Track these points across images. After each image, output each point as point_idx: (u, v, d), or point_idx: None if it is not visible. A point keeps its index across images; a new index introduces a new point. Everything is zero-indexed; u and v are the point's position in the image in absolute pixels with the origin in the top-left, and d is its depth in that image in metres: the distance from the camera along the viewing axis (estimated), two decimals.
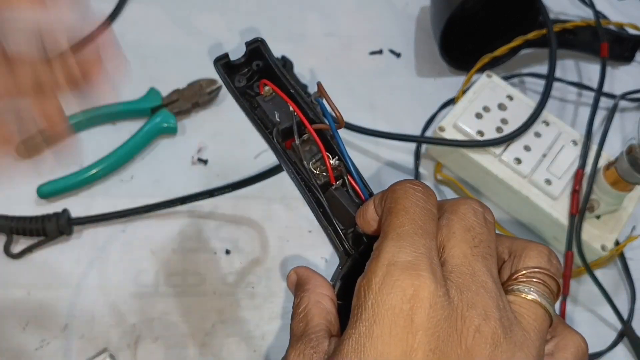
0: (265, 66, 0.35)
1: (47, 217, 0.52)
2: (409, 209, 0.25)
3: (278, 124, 0.33)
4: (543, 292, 0.25)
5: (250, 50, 0.35)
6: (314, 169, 0.32)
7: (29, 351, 0.48)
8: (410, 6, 0.72)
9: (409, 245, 0.23)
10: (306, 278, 0.29)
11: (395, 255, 0.23)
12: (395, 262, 0.23)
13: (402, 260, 0.23)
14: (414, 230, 0.24)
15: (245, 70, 0.35)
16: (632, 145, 0.49)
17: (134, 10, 0.68)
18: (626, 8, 0.73)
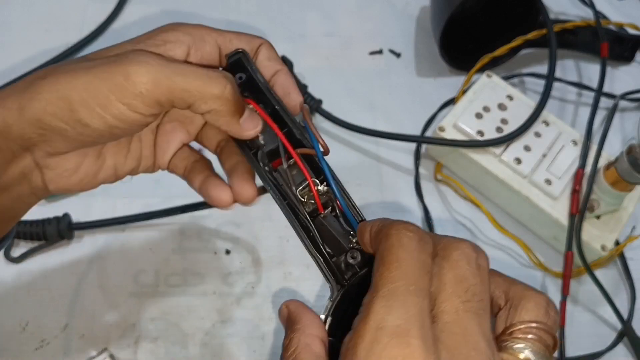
0: (248, 79, 0.34)
1: (48, 221, 0.52)
2: (402, 262, 0.24)
3: (263, 146, 0.32)
4: (538, 350, 0.24)
5: (231, 63, 0.34)
6: (302, 196, 0.31)
7: (29, 351, 0.48)
8: (410, 6, 0.72)
9: (400, 306, 0.22)
10: (297, 316, 0.28)
11: (384, 319, 0.22)
12: (383, 326, 0.22)
13: (391, 325, 0.22)
14: (406, 288, 0.23)
15: None
16: (632, 145, 0.49)
17: (134, 10, 0.68)
18: (626, 8, 0.73)
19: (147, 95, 0.28)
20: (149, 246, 0.53)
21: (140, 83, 0.28)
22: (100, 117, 0.28)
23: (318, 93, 0.61)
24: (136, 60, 0.28)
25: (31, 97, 0.28)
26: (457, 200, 0.59)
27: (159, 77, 0.28)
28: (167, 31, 0.32)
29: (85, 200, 0.55)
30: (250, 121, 0.32)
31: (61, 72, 0.29)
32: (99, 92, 0.28)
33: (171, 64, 0.29)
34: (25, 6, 0.67)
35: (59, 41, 0.64)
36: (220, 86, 0.29)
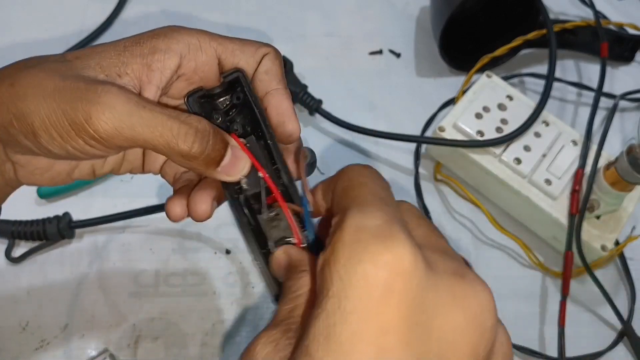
0: (244, 101, 0.31)
1: (48, 221, 0.52)
2: (367, 183, 0.23)
3: (245, 190, 0.29)
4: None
5: (228, 82, 0.31)
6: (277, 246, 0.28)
7: (29, 351, 0.48)
8: (410, 6, 0.72)
9: (376, 211, 0.21)
10: (302, 259, 0.25)
11: (362, 221, 0.20)
12: (363, 226, 0.20)
13: (371, 225, 0.20)
14: (379, 200, 0.22)
15: (226, 99, 0.31)
16: (632, 145, 0.49)
17: (134, 10, 0.68)
18: (626, 8, 0.73)
19: (107, 140, 0.26)
20: (149, 246, 0.53)
21: (100, 129, 0.26)
22: (60, 145, 0.27)
23: (318, 93, 0.61)
24: (101, 101, 0.26)
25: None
26: (457, 200, 0.59)
27: (121, 126, 0.26)
28: (158, 37, 0.29)
29: (85, 200, 0.55)
30: (231, 167, 0.28)
31: (30, 85, 0.27)
32: (59, 123, 0.26)
33: (139, 111, 0.26)
34: (25, 6, 0.67)
35: (59, 41, 0.64)
36: (186, 144, 0.27)
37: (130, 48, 0.29)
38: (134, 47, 0.29)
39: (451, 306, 0.20)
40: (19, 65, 0.28)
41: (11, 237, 0.52)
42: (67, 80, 0.27)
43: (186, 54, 0.29)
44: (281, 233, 0.28)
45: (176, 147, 0.27)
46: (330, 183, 0.26)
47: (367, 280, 0.19)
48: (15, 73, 0.28)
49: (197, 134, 0.27)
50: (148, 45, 0.29)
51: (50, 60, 0.28)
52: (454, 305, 0.20)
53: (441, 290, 0.20)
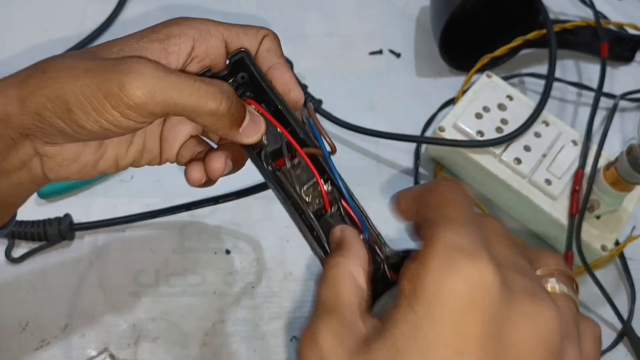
0: (250, 78, 0.34)
1: (49, 222, 0.52)
2: (457, 202, 0.25)
3: (266, 146, 0.32)
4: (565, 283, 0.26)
5: (233, 62, 0.34)
6: (306, 195, 0.31)
7: (29, 351, 0.48)
8: (410, 6, 0.72)
9: (466, 233, 0.23)
10: (349, 243, 0.28)
11: (454, 240, 0.23)
12: (455, 246, 0.22)
13: (462, 245, 0.22)
14: (466, 220, 0.24)
15: (230, 82, 0.34)
16: (632, 145, 0.49)
17: (134, 10, 0.68)
18: (626, 8, 0.73)
19: (141, 106, 0.28)
20: (149, 246, 0.53)
21: (134, 95, 0.28)
22: (95, 120, 0.29)
23: (318, 93, 0.61)
24: (132, 70, 0.28)
25: (32, 91, 0.29)
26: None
27: (153, 91, 0.28)
28: (171, 25, 0.32)
29: (85, 200, 0.55)
30: (251, 128, 0.31)
31: (61, 68, 0.29)
32: (94, 97, 0.28)
33: (168, 76, 0.29)
34: (25, 6, 0.67)
35: (59, 41, 0.64)
36: (215, 102, 0.29)
37: (148, 35, 0.31)
38: (151, 34, 0.31)
39: (521, 322, 0.22)
40: (45, 59, 0.30)
41: (11, 237, 0.52)
42: (96, 61, 0.29)
43: (198, 38, 0.32)
44: (305, 177, 0.31)
45: (205, 105, 0.29)
46: (418, 193, 0.27)
47: (455, 293, 0.21)
48: (44, 62, 0.30)
49: (224, 92, 0.30)
50: (163, 32, 0.32)
51: (74, 53, 0.31)
52: (523, 321, 0.22)
53: (514, 307, 0.22)
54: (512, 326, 0.22)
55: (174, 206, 0.54)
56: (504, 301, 0.22)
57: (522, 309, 0.22)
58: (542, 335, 0.22)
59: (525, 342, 0.22)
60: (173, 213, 0.54)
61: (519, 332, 0.22)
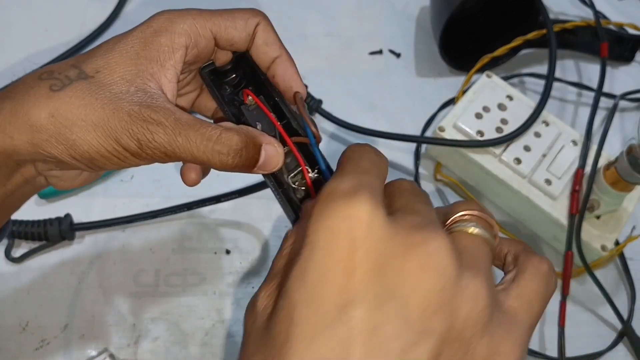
0: (252, 73, 0.35)
1: (50, 222, 0.52)
2: (354, 158, 0.26)
3: None
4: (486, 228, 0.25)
5: (236, 57, 0.35)
6: (293, 182, 0.32)
7: (29, 351, 0.48)
8: (410, 6, 0.72)
9: (350, 179, 0.23)
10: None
11: (335, 186, 0.23)
12: (334, 189, 0.23)
13: (341, 188, 0.23)
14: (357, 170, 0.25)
15: (232, 76, 0.35)
16: (632, 145, 0.49)
17: (134, 10, 0.68)
18: (626, 8, 0.73)
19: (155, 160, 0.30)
20: (149, 246, 0.53)
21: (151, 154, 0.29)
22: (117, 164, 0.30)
23: (318, 93, 0.61)
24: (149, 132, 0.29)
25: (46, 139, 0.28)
26: (457, 200, 0.59)
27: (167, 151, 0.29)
28: (161, 34, 0.31)
29: (85, 200, 0.55)
30: (267, 165, 0.31)
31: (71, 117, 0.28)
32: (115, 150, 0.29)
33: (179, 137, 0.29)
34: (25, 6, 0.67)
35: (59, 41, 0.64)
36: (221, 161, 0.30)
37: (142, 53, 0.30)
38: (145, 51, 0.30)
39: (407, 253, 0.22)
40: (42, 89, 0.29)
41: (11, 237, 0.52)
42: (107, 109, 0.29)
43: (189, 44, 0.32)
44: (293, 164, 0.32)
45: (210, 163, 0.30)
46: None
47: (333, 231, 0.22)
48: (45, 101, 0.28)
49: (230, 152, 0.30)
50: (156, 46, 0.31)
51: (73, 79, 0.29)
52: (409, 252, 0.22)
53: (399, 240, 0.22)
54: (398, 258, 0.21)
55: (174, 206, 0.54)
56: (387, 235, 0.22)
57: (408, 241, 0.22)
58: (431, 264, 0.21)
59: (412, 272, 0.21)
60: (173, 213, 0.54)
61: (405, 263, 0.21)
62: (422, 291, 0.21)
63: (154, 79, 0.30)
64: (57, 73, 0.30)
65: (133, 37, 0.31)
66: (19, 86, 0.30)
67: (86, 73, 0.30)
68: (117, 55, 0.30)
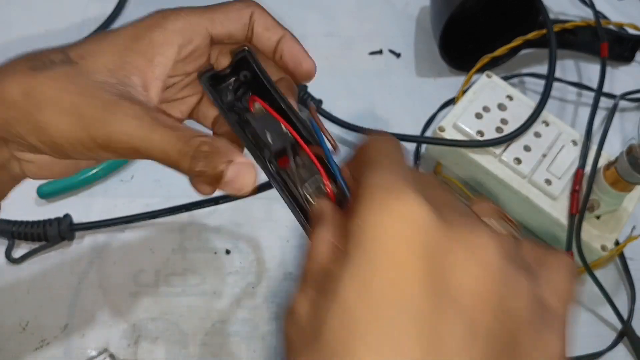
0: (253, 77, 0.33)
1: (49, 222, 0.52)
2: (382, 150, 0.25)
3: (270, 145, 0.31)
4: (510, 224, 0.26)
5: (237, 60, 0.33)
6: (309, 195, 0.31)
7: (29, 351, 0.48)
8: (410, 6, 0.72)
9: (391, 173, 0.23)
10: (327, 213, 0.27)
11: (378, 182, 0.22)
12: (378, 186, 0.22)
13: (388, 184, 0.22)
14: (391, 162, 0.24)
15: (232, 80, 0.34)
16: (632, 145, 0.49)
17: (134, 10, 0.68)
18: (626, 8, 0.73)
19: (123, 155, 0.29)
20: (149, 246, 0.53)
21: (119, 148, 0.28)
22: (81, 154, 0.29)
23: (318, 93, 0.61)
24: (119, 127, 0.28)
25: (14, 116, 0.28)
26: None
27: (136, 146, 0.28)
28: (153, 29, 0.31)
29: (85, 200, 0.55)
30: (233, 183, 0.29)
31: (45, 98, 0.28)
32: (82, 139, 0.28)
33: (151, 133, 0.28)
34: (25, 6, 0.67)
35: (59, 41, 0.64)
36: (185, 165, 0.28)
37: (131, 45, 0.30)
38: (134, 44, 0.30)
39: (463, 254, 0.21)
40: (22, 67, 0.29)
41: (11, 238, 0.52)
42: (83, 95, 0.28)
43: (182, 41, 0.31)
44: (308, 176, 0.31)
45: (179, 166, 0.29)
46: (352, 158, 0.27)
47: (385, 231, 0.21)
48: (22, 78, 0.28)
49: (196, 156, 0.28)
50: (146, 40, 0.30)
51: (56, 62, 0.29)
52: (465, 253, 0.21)
53: (454, 241, 0.21)
54: (454, 259, 0.21)
55: (174, 207, 0.54)
56: (441, 236, 0.21)
57: (462, 242, 0.21)
58: (488, 268, 0.21)
59: (469, 273, 0.21)
60: (173, 213, 0.54)
61: (462, 264, 0.21)
62: (477, 290, 0.21)
63: (139, 73, 0.30)
64: (43, 55, 0.30)
65: (126, 30, 0.31)
66: (4, 64, 0.30)
67: (70, 58, 0.30)
68: (105, 44, 0.30)
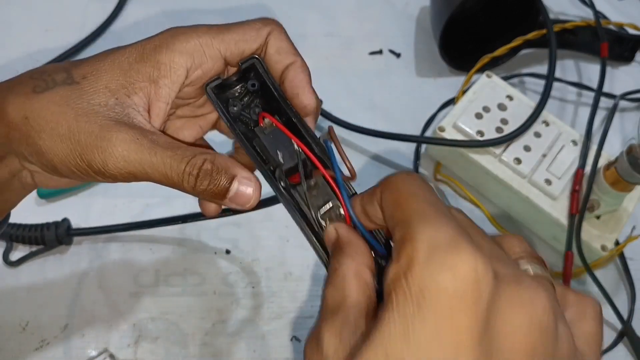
0: (262, 86, 0.32)
1: (47, 226, 0.51)
2: (418, 194, 0.24)
3: (281, 164, 0.30)
4: (541, 266, 0.26)
5: (244, 69, 0.32)
6: (322, 219, 0.29)
7: (29, 351, 0.48)
8: (410, 6, 0.72)
9: (443, 227, 0.22)
10: (348, 241, 0.27)
11: (433, 236, 0.22)
12: (437, 241, 0.22)
13: (443, 239, 0.22)
14: (438, 213, 0.23)
15: (238, 88, 0.32)
16: (632, 145, 0.49)
17: (134, 10, 0.68)
18: (626, 8, 0.73)
19: (122, 179, 0.29)
20: (149, 246, 0.53)
21: (116, 174, 0.29)
22: (79, 177, 0.29)
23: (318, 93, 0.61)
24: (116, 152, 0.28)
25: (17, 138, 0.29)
26: (457, 200, 0.59)
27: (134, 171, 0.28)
28: (161, 50, 0.30)
29: (85, 200, 0.55)
30: (237, 199, 0.29)
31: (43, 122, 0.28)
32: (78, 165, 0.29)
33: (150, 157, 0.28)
34: (25, 6, 0.67)
35: (59, 41, 0.64)
36: (189, 185, 0.29)
37: (136, 66, 0.29)
38: (139, 65, 0.30)
39: (512, 310, 0.21)
40: (25, 89, 0.29)
41: (9, 240, 0.51)
42: (79, 121, 0.28)
43: (191, 65, 0.30)
44: (321, 200, 0.30)
45: (182, 186, 0.29)
46: (373, 194, 0.26)
47: (447, 290, 0.21)
48: (24, 100, 0.29)
49: (199, 175, 0.28)
50: (152, 61, 0.30)
51: (58, 83, 0.29)
52: (514, 308, 0.22)
53: (503, 296, 0.22)
54: (504, 315, 0.21)
55: (173, 217, 0.53)
56: (492, 292, 0.21)
57: (512, 297, 0.22)
58: (535, 319, 0.22)
59: (519, 329, 0.21)
60: (171, 224, 0.53)
61: (511, 319, 0.21)
62: (525, 342, 0.21)
63: (142, 94, 0.29)
64: (47, 74, 0.29)
65: (132, 49, 0.30)
66: (11, 80, 0.30)
67: (73, 78, 0.29)
68: (109, 63, 0.30)
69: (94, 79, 0.29)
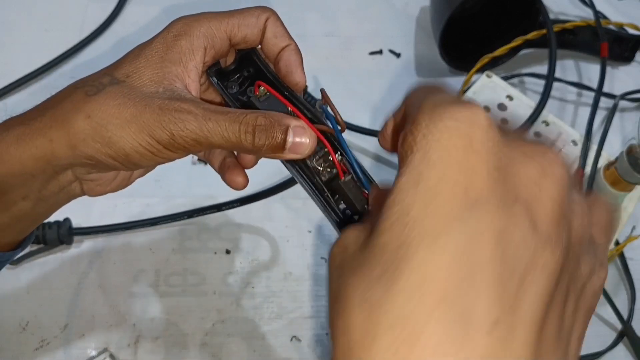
0: (256, 72, 0.36)
1: (48, 226, 0.51)
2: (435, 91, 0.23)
3: None
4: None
5: (240, 56, 0.36)
6: (318, 165, 0.33)
7: (29, 351, 0.48)
8: (410, 6, 0.72)
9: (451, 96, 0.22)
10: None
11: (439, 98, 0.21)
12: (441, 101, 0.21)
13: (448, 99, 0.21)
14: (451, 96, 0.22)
15: (237, 76, 0.36)
16: (632, 145, 0.49)
17: (134, 10, 0.68)
18: (626, 8, 0.73)
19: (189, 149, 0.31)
20: (149, 246, 0.53)
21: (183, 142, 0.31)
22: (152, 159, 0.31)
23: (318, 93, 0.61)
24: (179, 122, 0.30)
25: (82, 139, 0.30)
26: None
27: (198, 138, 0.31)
28: (181, 37, 0.33)
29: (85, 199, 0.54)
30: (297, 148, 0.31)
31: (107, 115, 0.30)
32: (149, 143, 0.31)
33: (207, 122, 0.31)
34: (25, 6, 0.67)
35: (59, 41, 0.64)
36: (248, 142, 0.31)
37: (166, 56, 0.33)
38: (168, 54, 0.33)
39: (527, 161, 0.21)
40: (77, 95, 0.31)
41: None
42: (139, 106, 0.31)
43: (207, 45, 0.34)
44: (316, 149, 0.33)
45: (241, 145, 0.31)
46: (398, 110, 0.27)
47: (450, 132, 0.20)
48: (81, 104, 0.31)
49: (255, 131, 0.31)
50: (177, 49, 0.33)
51: (106, 85, 0.32)
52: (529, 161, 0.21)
53: (515, 147, 0.21)
54: (518, 164, 0.20)
55: (176, 213, 0.53)
56: (504, 141, 0.20)
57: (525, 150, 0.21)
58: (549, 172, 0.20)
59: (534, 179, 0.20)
60: (175, 220, 0.54)
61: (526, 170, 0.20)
62: (544, 199, 0.20)
63: (179, 79, 0.32)
64: (91, 81, 0.32)
65: (156, 42, 0.33)
66: (58, 96, 0.32)
67: (117, 79, 0.32)
68: (144, 60, 0.33)
69: (137, 75, 0.32)
